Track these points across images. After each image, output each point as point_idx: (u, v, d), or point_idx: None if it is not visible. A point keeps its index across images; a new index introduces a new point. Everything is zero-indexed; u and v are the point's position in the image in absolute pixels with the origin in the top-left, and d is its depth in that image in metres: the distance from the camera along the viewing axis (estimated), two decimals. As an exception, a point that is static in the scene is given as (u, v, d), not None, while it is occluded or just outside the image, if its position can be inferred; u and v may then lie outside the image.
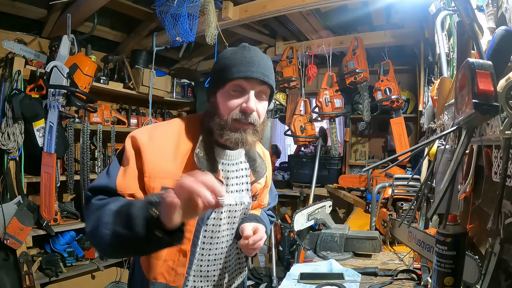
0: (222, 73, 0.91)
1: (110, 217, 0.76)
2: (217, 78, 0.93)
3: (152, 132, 0.93)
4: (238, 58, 0.90)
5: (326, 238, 1.53)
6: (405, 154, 0.92)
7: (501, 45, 0.67)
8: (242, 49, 0.93)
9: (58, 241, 2.50)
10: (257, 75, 0.89)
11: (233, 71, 0.89)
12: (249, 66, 0.89)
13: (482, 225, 1.01)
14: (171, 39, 2.31)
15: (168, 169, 0.90)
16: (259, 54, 0.94)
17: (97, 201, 0.84)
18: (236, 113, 0.90)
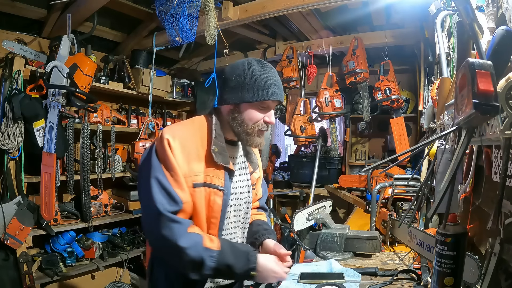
0: (252, 91, 1.08)
1: (210, 272, 1.02)
2: (245, 92, 1.08)
3: (175, 133, 1.06)
4: (268, 80, 1.09)
5: (326, 238, 1.53)
6: (405, 154, 0.92)
7: (501, 45, 0.67)
8: (266, 69, 1.10)
9: (58, 241, 2.50)
10: (280, 98, 1.12)
11: (263, 93, 1.08)
12: (276, 89, 1.10)
13: (482, 225, 1.02)
14: (171, 39, 2.31)
15: (194, 167, 1.05)
16: (277, 77, 1.13)
17: (183, 242, 0.98)
18: (262, 124, 1.12)
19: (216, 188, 1.07)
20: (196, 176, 1.05)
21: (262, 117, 1.11)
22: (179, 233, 0.98)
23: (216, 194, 1.07)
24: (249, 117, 1.10)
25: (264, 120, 1.11)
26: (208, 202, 1.07)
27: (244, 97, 1.08)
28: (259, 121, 1.10)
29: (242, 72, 1.09)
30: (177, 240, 0.97)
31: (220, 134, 1.12)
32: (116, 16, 2.70)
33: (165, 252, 1.06)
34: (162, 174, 1.02)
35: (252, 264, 1.05)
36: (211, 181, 1.07)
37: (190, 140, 1.07)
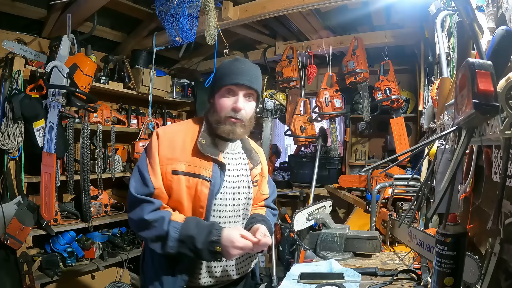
0: (219, 80, 1.18)
1: (174, 243, 1.07)
2: (215, 83, 1.20)
3: (166, 129, 1.22)
4: (231, 68, 1.17)
5: (326, 238, 1.53)
6: (405, 154, 0.92)
7: (501, 45, 0.67)
8: (235, 61, 1.20)
9: (58, 241, 2.50)
10: (244, 81, 1.15)
11: (227, 79, 1.15)
12: (239, 74, 1.15)
13: (482, 225, 1.01)
14: (171, 39, 2.31)
15: (177, 157, 1.14)
16: (248, 65, 1.20)
17: (149, 215, 1.09)
18: (228, 111, 1.16)
19: (203, 178, 1.13)
20: (178, 164, 1.13)
21: (230, 104, 1.16)
22: (148, 209, 1.09)
23: (203, 185, 1.13)
24: (219, 106, 1.17)
25: (232, 107, 1.15)
26: (196, 192, 1.14)
27: (214, 88, 1.20)
28: (228, 108, 1.16)
29: (218, 67, 1.23)
30: (145, 215, 1.08)
31: (210, 129, 1.21)
32: (116, 16, 2.70)
33: (137, 227, 1.14)
34: (144, 163, 1.14)
35: (214, 236, 1.06)
36: (198, 171, 1.14)
37: (179, 135, 1.18)
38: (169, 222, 1.07)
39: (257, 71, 1.22)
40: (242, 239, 1.07)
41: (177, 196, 1.14)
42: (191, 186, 1.13)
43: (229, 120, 1.16)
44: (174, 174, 1.13)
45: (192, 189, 1.13)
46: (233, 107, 1.15)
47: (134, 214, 1.12)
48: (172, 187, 1.13)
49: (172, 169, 1.13)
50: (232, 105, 1.15)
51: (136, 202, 1.11)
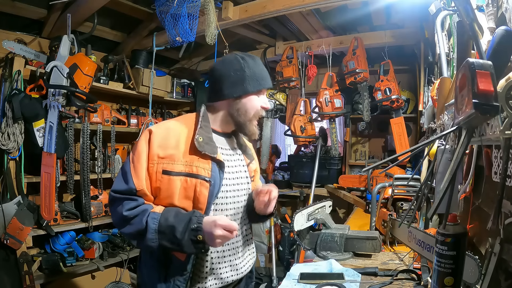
0: (254, 82, 1.18)
1: (154, 235, 1.03)
2: (249, 85, 1.17)
3: (159, 126, 1.15)
4: (262, 71, 1.21)
5: (326, 238, 1.53)
6: (405, 154, 0.92)
7: (501, 45, 0.67)
8: (258, 62, 1.22)
9: (58, 241, 2.50)
10: (271, 85, 1.29)
11: (264, 82, 1.20)
12: (268, 78, 1.23)
13: (482, 225, 1.02)
14: (171, 39, 2.31)
15: (171, 156, 1.09)
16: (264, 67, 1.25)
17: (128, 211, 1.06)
18: (261, 110, 1.21)
19: (202, 179, 1.09)
20: (171, 164, 1.09)
21: (260, 104, 1.21)
22: (128, 206, 1.06)
23: (203, 185, 1.09)
24: (251, 105, 1.19)
25: (261, 106, 1.21)
26: (195, 193, 1.09)
27: (247, 88, 1.17)
28: (258, 108, 1.20)
29: (240, 67, 1.17)
30: (124, 211, 1.05)
31: (206, 125, 1.16)
32: (116, 16, 2.70)
33: (118, 224, 1.11)
34: (128, 163, 1.11)
35: (194, 224, 1.01)
36: (197, 171, 1.09)
37: (173, 132, 1.13)
38: (148, 214, 1.04)
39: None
40: (225, 218, 1.03)
41: (168, 197, 1.09)
42: (189, 187, 1.09)
43: (257, 121, 1.22)
44: (164, 174, 1.08)
45: (190, 190, 1.09)
46: (263, 107, 1.21)
47: (114, 212, 1.09)
48: (160, 188, 1.09)
49: (163, 169, 1.08)
50: (262, 105, 1.20)
51: (116, 200, 1.09)
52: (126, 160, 1.13)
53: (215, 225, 1.00)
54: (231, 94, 1.17)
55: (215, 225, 1.00)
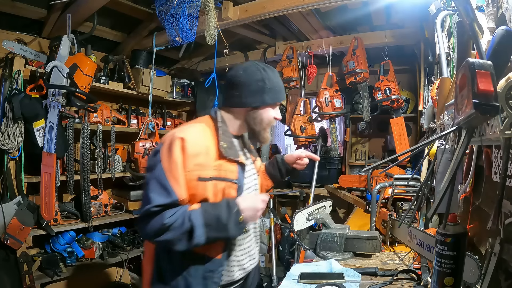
0: (273, 94, 1.26)
1: (202, 229, 1.06)
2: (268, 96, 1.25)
3: (188, 135, 1.13)
4: (280, 84, 1.30)
5: (326, 238, 1.53)
6: (405, 154, 0.92)
7: (501, 45, 0.67)
8: (277, 74, 1.31)
9: (58, 241, 2.50)
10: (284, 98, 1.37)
11: (281, 96, 1.31)
12: (284, 91, 1.35)
13: (482, 225, 1.01)
14: (171, 39, 2.31)
15: (202, 163, 1.12)
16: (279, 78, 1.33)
17: (168, 219, 1.04)
18: (273, 120, 1.31)
19: (230, 181, 1.16)
20: (203, 171, 1.12)
21: (273, 115, 1.31)
22: (168, 214, 1.05)
23: (231, 187, 1.17)
24: (266, 115, 1.28)
25: (274, 117, 1.32)
26: (223, 195, 1.16)
27: (266, 99, 1.25)
28: (272, 118, 1.30)
29: (261, 78, 1.23)
30: (165, 220, 1.03)
31: (226, 130, 1.23)
32: (116, 16, 2.70)
33: (155, 235, 1.06)
34: (163, 173, 1.07)
35: (234, 208, 1.10)
36: (225, 175, 1.16)
37: (202, 138, 1.16)
38: (189, 214, 1.06)
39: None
40: (256, 194, 1.24)
41: (201, 201, 1.13)
42: (219, 190, 1.14)
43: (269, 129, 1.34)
44: (200, 181, 1.10)
45: (220, 193, 1.15)
46: (276, 118, 1.32)
47: (151, 224, 1.05)
48: (196, 194, 1.11)
49: (198, 176, 1.10)
50: (275, 116, 1.32)
51: (154, 213, 1.05)
52: (157, 170, 1.08)
53: (257, 200, 1.15)
54: (250, 103, 1.23)
55: (257, 200, 1.15)
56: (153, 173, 1.09)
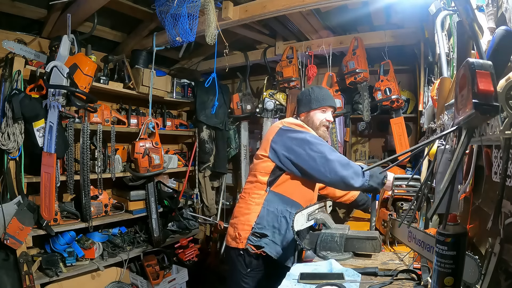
0: (316, 102, 1.89)
1: (367, 176, 1.65)
2: (313, 104, 1.89)
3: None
4: (324, 95, 1.91)
5: (326, 238, 1.53)
6: (405, 154, 0.92)
7: (501, 45, 0.67)
8: (323, 89, 1.98)
9: (58, 241, 2.50)
10: (332, 104, 1.94)
11: (323, 102, 1.89)
12: (328, 100, 1.92)
13: (482, 225, 1.01)
14: (171, 39, 2.31)
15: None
16: (329, 92, 1.99)
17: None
18: (324, 121, 1.91)
19: None
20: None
21: (324, 117, 1.90)
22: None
23: None
24: (316, 117, 1.89)
25: (325, 119, 1.90)
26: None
27: (312, 106, 1.88)
28: (322, 120, 1.89)
29: (308, 93, 1.91)
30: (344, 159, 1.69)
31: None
32: (116, 16, 2.70)
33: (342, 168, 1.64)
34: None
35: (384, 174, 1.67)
36: None
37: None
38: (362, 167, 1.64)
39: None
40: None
41: None
42: None
43: (324, 127, 1.94)
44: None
45: None
46: (327, 119, 1.93)
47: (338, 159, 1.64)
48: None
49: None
50: (326, 118, 1.93)
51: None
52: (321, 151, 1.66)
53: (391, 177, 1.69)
54: (303, 110, 1.91)
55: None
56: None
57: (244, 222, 1.73)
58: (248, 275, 1.70)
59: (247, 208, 1.75)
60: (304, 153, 1.65)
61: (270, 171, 1.76)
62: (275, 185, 1.75)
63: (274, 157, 1.74)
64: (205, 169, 3.70)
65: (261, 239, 1.68)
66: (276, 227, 1.71)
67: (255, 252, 1.68)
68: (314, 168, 1.64)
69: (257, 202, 1.74)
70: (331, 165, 1.61)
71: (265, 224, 1.70)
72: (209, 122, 3.56)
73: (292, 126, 1.76)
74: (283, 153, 1.72)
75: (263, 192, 1.75)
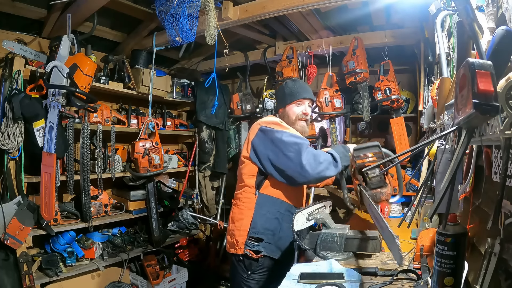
0: (289, 96, 1.87)
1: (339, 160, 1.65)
2: (287, 98, 1.88)
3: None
4: (297, 88, 1.89)
5: (326, 238, 1.53)
6: (405, 154, 0.92)
7: (501, 45, 0.67)
8: (297, 82, 1.97)
9: (58, 241, 2.50)
10: (307, 96, 1.89)
11: (296, 96, 1.86)
12: (302, 93, 1.88)
13: (482, 225, 1.01)
14: (171, 39, 2.30)
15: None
16: (304, 84, 1.98)
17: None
18: (300, 114, 1.86)
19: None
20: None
21: (300, 111, 1.85)
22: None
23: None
24: (292, 112, 1.86)
25: (302, 112, 1.85)
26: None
27: (286, 101, 1.87)
28: (298, 114, 1.85)
29: (282, 88, 1.92)
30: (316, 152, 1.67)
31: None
32: (116, 16, 2.70)
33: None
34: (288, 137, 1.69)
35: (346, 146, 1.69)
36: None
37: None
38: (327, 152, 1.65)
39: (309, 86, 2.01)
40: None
41: None
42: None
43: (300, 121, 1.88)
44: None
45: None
46: (302, 112, 1.86)
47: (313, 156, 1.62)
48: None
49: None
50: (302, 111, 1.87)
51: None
52: (280, 137, 1.66)
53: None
54: (279, 107, 1.92)
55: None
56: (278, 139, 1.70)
57: (240, 228, 1.74)
58: (249, 277, 1.70)
59: (241, 213, 1.76)
60: (281, 154, 1.62)
61: (255, 173, 1.75)
62: (263, 187, 1.74)
63: (255, 159, 1.73)
64: (205, 169, 3.70)
65: (258, 244, 1.70)
66: (270, 229, 1.71)
67: (253, 256, 1.69)
68: (291, 168, 1.61)
69: (249, 207, 1.74)
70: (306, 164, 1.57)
71: (259, 228, 1.71)
72: (209, 122, 3.56)
73: (270, 126, 1.71)
74: (263, 155, 1.69)
75: (253, 196, 1.74)
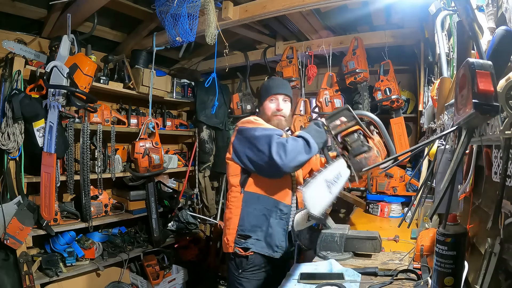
0: (263, 93, 1.89)
1: (313, 140, 1.61)
2: (261, 96, 1.91)
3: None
4: (271, 84, 1.91)
5: (326, 238, 1.53)
6: (405, 154, 0.92)
7: (501, 45, 0.67)
8: (272, 79, 2.06)
9: (58, 241, 2.50)
10: (280, 91, 1.88)
11: (269, 92, 1.87)
12: (276, 88, 1.88)
13: (482, 225, 1.01)
14: (171, 39, 2.30)
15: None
16: (280, 80, 2.02)
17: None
18: (273, 110, 1.85)
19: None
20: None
21: (274, 107, 1.84)
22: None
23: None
24: (267, 108, 1.86)
25: (276, 108, 1.84)
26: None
27: (262, 98, 1.89)
28: (273, 110, 1.84)
29: (261, 87, 1.98)
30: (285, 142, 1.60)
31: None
32: (116, 16, 2.70)
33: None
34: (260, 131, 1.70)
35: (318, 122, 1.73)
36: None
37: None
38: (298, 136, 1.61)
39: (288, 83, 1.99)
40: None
41: None
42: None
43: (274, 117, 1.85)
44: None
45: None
46: (276, 109, 1.84)
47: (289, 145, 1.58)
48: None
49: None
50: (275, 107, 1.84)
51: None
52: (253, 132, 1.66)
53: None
54: (258, 106, 1.99)
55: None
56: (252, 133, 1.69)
57: (229, 227, 1.75)
58: (240, 276, 1.70)
59: (230, 213, 1.77)
60: (255, 149, 1.63)
61: (239, 172, 1.76)
62: (248, 185, 1.74)
63: (237, 159, 1.74)
64: (205, 169, 3.70)
65: (246, 241, 1.70)
66: (258, 225, 1.71)
67: (242, 254, 1.70)
68: (265, 161, 1.58)
69: (237, 205, 1.74)
70: (275, 155, 1.54)
71: (246, 225, 1.71)
72: (209, 122, 3.56)
73: (245, 125, 1.74)
74: (242, 153, 1.71)
75: (239, 195, 1.75)
